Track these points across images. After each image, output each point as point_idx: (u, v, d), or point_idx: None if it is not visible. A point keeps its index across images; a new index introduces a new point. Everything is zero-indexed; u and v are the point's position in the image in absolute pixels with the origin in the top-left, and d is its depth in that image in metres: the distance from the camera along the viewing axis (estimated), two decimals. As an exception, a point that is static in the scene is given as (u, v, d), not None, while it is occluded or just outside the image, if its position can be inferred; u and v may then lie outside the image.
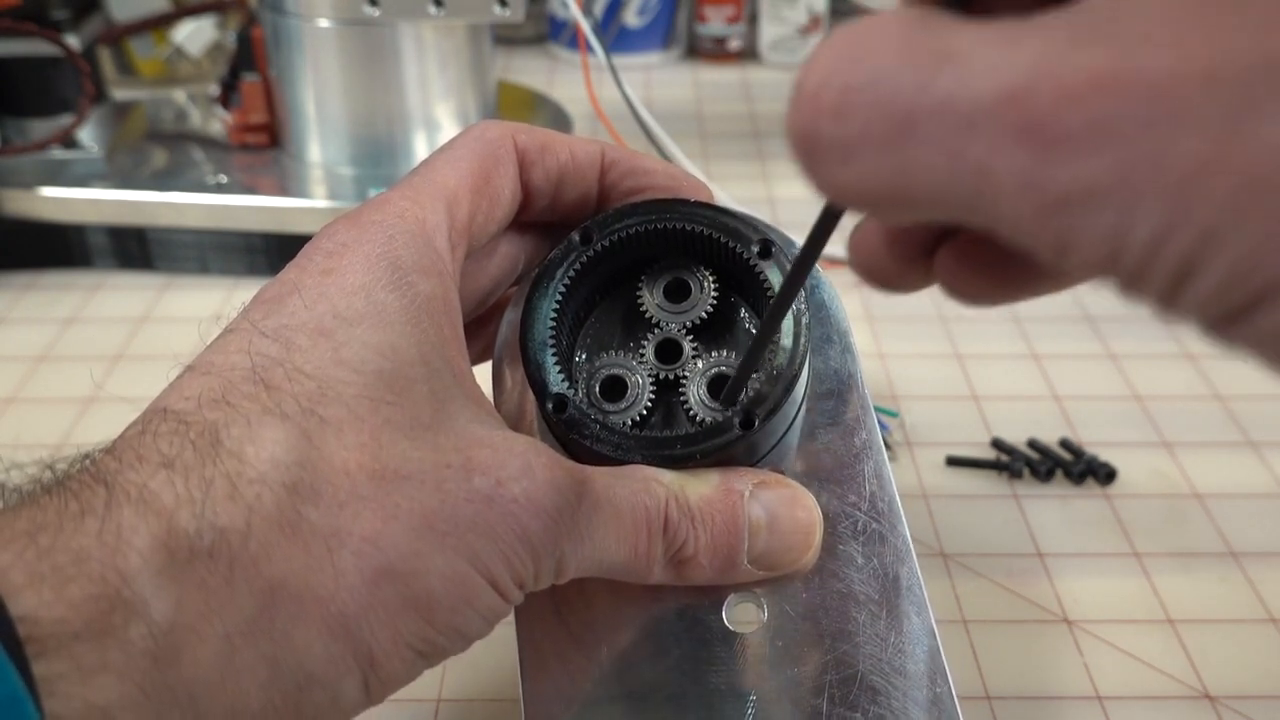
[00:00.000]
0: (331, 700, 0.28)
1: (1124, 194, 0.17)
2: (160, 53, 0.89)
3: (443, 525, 0.29)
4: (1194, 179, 0.16)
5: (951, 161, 0.19)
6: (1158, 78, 0.17)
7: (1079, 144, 0.17)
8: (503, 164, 0.37)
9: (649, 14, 1.12)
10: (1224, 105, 0.16)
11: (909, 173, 0.19)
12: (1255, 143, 0.16)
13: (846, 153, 0.20)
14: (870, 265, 0.28)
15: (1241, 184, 0.16)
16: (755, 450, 0.36)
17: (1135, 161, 0.17)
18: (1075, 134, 0.17)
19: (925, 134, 0.19)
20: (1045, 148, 0.18)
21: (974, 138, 0.18)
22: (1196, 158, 0.16)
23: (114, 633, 0.25)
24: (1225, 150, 0.16)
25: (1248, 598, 0.49)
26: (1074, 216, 0.18)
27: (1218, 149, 0.16)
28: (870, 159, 0.20)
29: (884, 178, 0.20)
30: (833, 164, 0.20)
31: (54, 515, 0.26)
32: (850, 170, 0.20)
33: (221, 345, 0.31)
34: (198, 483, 0.27)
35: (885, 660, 0.35)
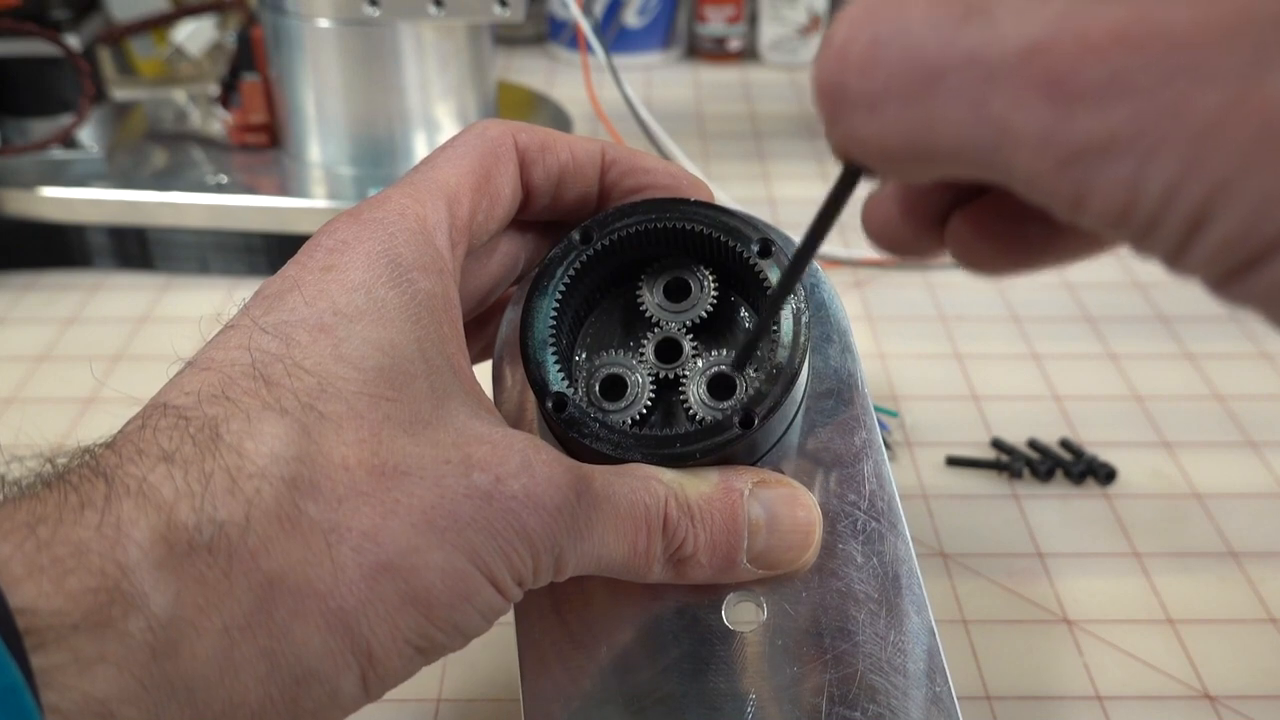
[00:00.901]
0: (330, 695, 0.28)
1: (1141, 145, 0.17)
2: (160, 53, 0.89)
3: (442, 521, 0.29)
4: (1210, 130, 0.17)
5: (975, 114, 0.19)
6: (1178, 31, 0.17)
7: (1099, 96, 0.17)
8: (503, 162, 0.37)
9: (649, 14, 1.12)
10: (1242, 58, 0.16)
11: (932, 126, 0.19)
12: (1270, 95, 0.16)
13: (872, 105, 0.20)
14: (884, 231, 0.28)
15: (1256, 135, 0.16)
16: (755, 449, 0.36)
17: (1154, 113, 0.17)
18: (1096, 86, 0.17)
19: (950, 87, 0.19)
20: (1066, 100, 0.18)
21: (997, 90, 0.18)
22: (1213, 110, 0.17)
23: (113, 625, 0.25)
24: (1241, 102, 0.16)
25: (1248, 598, 0.49)
26: (1091, 168, 0.18)
27: (1234, 101, 0.16)
28: (895, 111, 0.20)
29: (908, 130, 0.20)
30: (858, 117, 0.20)
31: (53, 508, 0.26)
32: (875, 123, 0.20)
33: (222, 341, 0.31)
34: (197, 477, 0.27)
35: (885, 659, 0.35)
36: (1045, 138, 0.18)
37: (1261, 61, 0.16)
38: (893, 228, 0.28)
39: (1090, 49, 0.18)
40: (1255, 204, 0.17)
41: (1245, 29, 0.16)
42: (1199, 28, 0.17)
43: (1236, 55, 0.16)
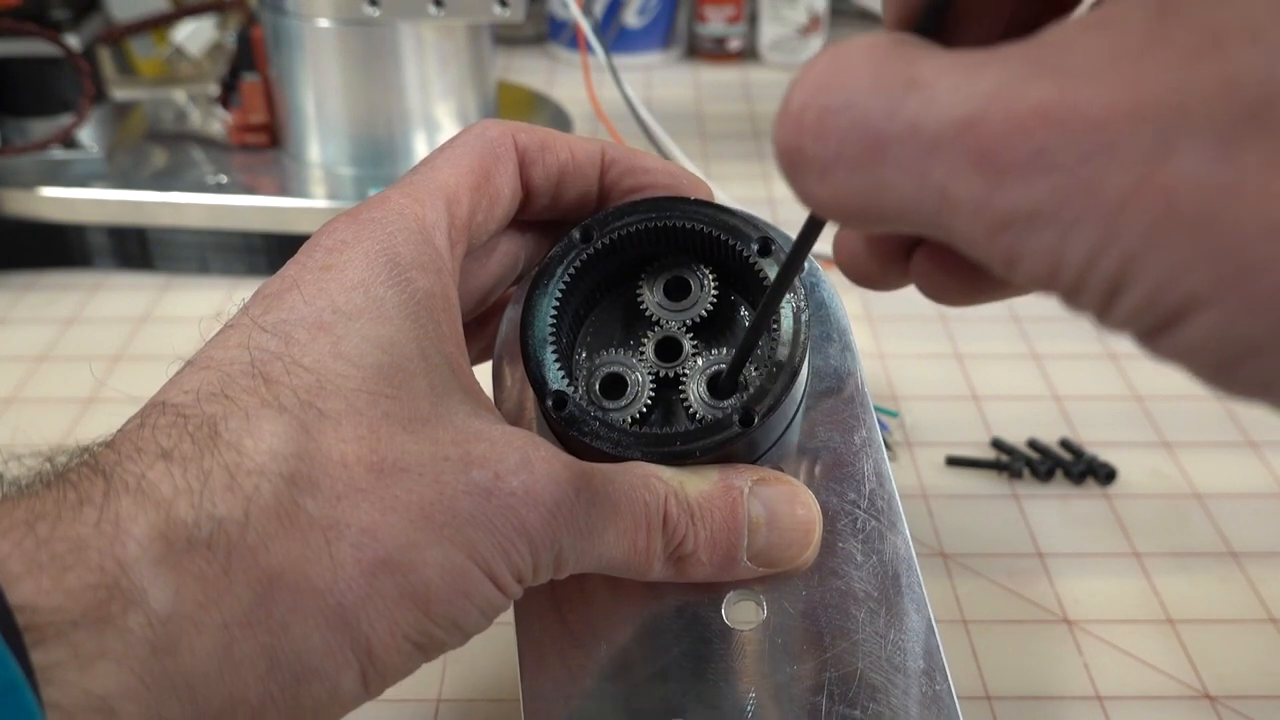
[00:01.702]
0: (330, 692, 0.28)
1: (1062, 218, 0.19)
2: (160, 53, 0.89)
3: (440, 518, 0.29)
4: (1120, 208, 0.18)
5: (916, 182, 0.20)
6: (1093, 113, 0.18)
7: (1025, 170, 0.19)
8: (503, 162, 0.37)
9: (649, 14, 1.12)
10: (1147, 142, 0.18)
11: (879, 191, 0.21)
12: (1171, 178, 0.17)
13: (824, 170, 0.21)
14: (852, 265, 0.29)
15: (1159, 213, 0.18)
16: (755, 447, 0.36)
17: (1072, 189, 0.18)
18: (1022, 161, 0.19)
19: (893, 156, 0.20)
20: (996, 173, 0.19)
21: (935, 161, 0.20)
22: (1122, 189, 0.18)
23: (112, 621, 0.25)
24: (1146, 184, 0.18)
25: (1248, 598, 0.49)
26: (1019, 236, 0.19)
27: (1140, 182, 0.18)
28: (845, 177, 0.21)
29: (857, 194, 0.21)
30: (812, 179, 0.22)
31: (52, 505, 0.26)
32: (828, 186, 0.21)
33: (221, 340, 0.32)
34: (196, 474, 0.27)
35: (884, 658, 0.35)
36: (979, 207, 0.19)
37: (1163, 147, 0.17)
38: (860, 262, 0.29)
39: (1017, 126, 0.19)
40: (1162, 275, 0.18)
41: (1150, 115, 0.18)
42: (1110, 111, 0.18)
43: (1142, 139, 0.18)
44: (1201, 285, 0.18)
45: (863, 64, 0.21)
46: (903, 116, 0.20)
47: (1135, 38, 0.18)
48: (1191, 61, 0.17)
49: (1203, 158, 0.17)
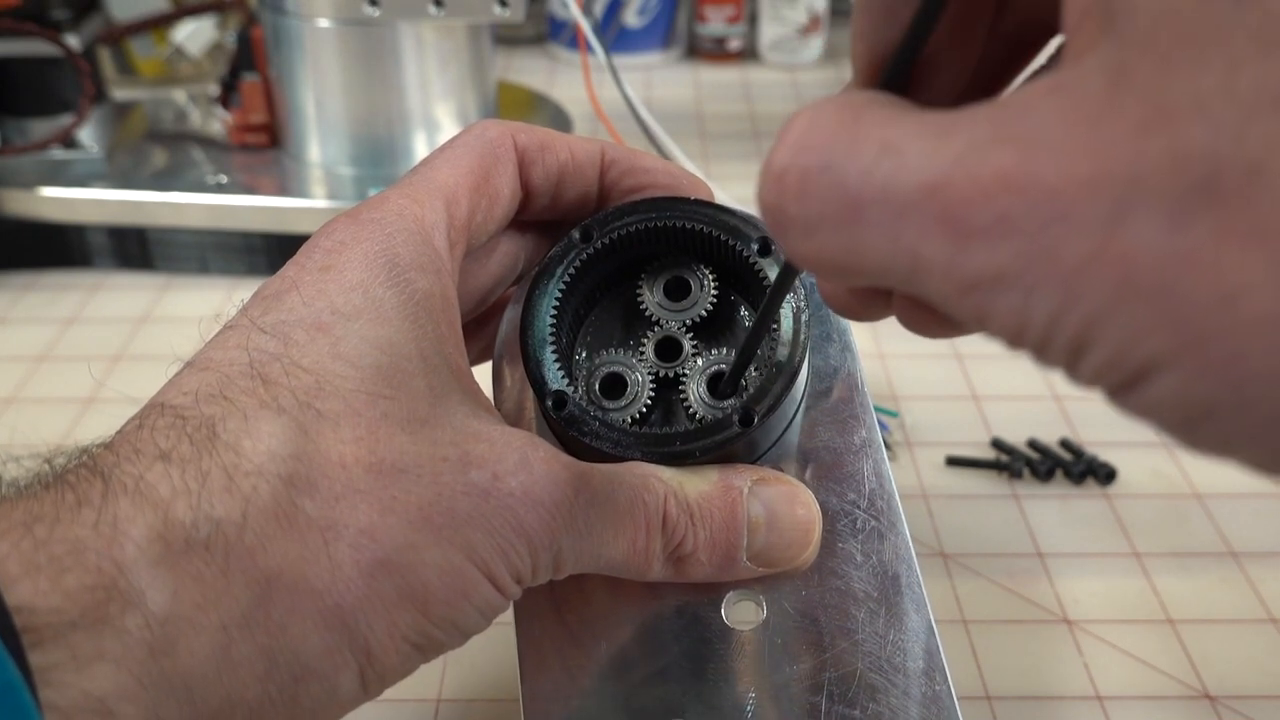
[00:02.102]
0: (328, 693, 0.28)
1: (1024, 281, 0.19)
2: (160, 53, 0.89)
3: (439, 518, 0.29)
4: (1079, 273, 0.18)
5: (891, 243, 0.21)
6: (1051, 181, 0.19)
7: (989, 234, 0.19)
8: (502, 163, 0.37)
9: (649, 14, 1.12)
10: (1102, 211, 0.18)
11: (858, 250, 0.21)
12: (1128, 246, 0.18)
13: (807, 230, 0.22)
14: (835, 299, 0.30)
15: (1117, 281, 0.18)
16: (755, 447, 0.36)
17: (1032, 254, 0.19)
18: (985, 226, 0.19)
19: (869, 218, 0.21)
20: (963, 236, 0.20)
21: (906, 224, 0.20)
22: (1081, 255, 0.18)
23: (110, 622, 0.25)
24: (1104, 251, 0.18)
25: (1248, 598, 0.49)
26: (986, 297, 0.20)
27: (1098, 249, 0.18)
28: (826, 237, 0.22)
29: (838, 253, 0.22)
30: (796, 238, 0.22)
31: (50, 507, 0.26)
32: (811, 244, 0.22)
33: (220, 341, 0.32)
34: (194, 475, 0.27)
35: (884, 658, 0.35)
36: (947, 269, 0.20)
37: (1119, 216, 0.18)
38: (842, 298, 0.30)
39: (981, 191, 0.19)
40: (1123, 338, 0.19)
41: (1105, 185, 0.18)
42: (1067, 180, 0.18)
43: (1098, 208, 0.18)
44: (1159, 349, 0.18)
45: (840, 126, 0.22)
46: (876, 180, 0.21)
47: (1090, 106, 0.19)
48: (1142, 134, 0.18)
49: (1156, 228, 0.18)
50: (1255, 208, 0.17)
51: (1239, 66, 0.17)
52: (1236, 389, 0.18)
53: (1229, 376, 0.18)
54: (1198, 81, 0.17)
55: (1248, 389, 0.17)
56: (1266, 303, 0.17)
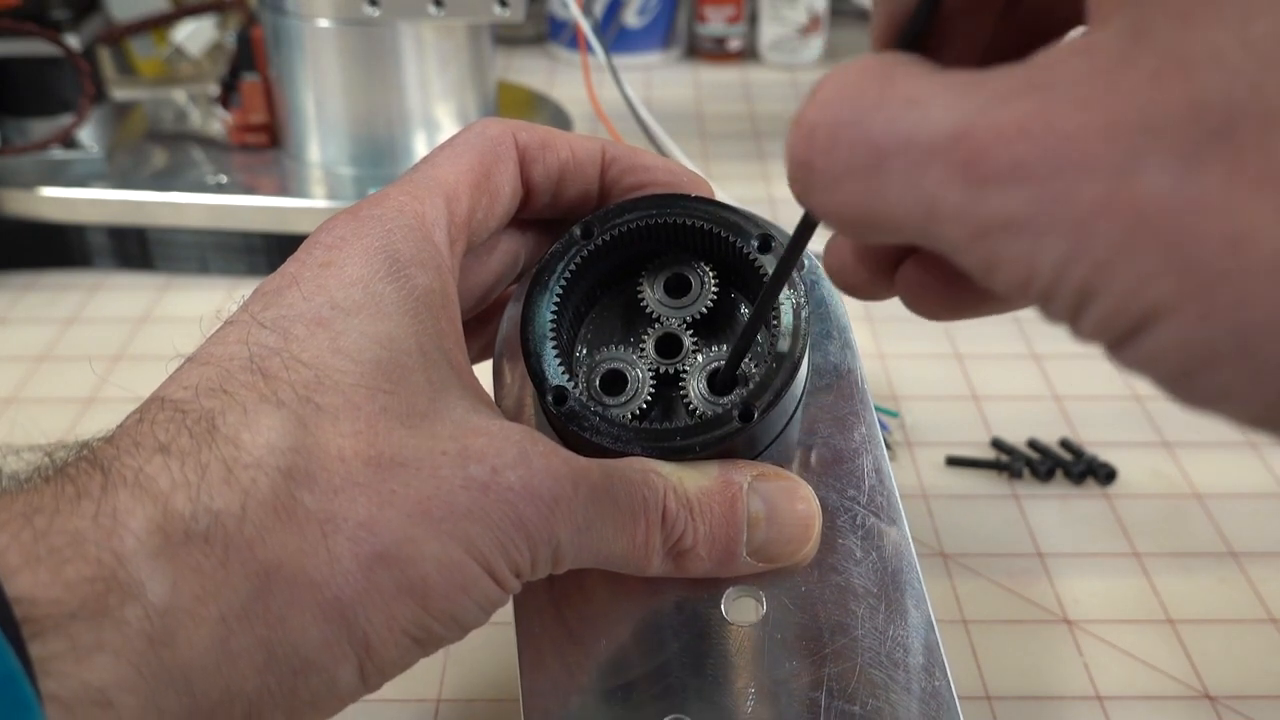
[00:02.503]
0: (327, 685, 0.28)
1: (1034, 226, 0.20)
2: (160, 53, 0.89)
3: (438, 512, 0.29)
4: (1090, 218, 0.19)
5: (911, 191, 0.21)
6: (1066, 128, 0.19)
7: (1003, 180, 0.20)
8: (503, 161, 0.37)
9: (649, 14, 1.12)
10: (1116, 158, 0.19)
11: (879, 200, 0.22)
12: (1139, 193, 0.18)
13: (833, 181, 0.23)
14: (841, 274, 0.31)
15: (1127, 226, 0.19)
16: (755, 443, 0.36)
17: (1045, 199, 0.19)
18: (1001, 171, 0.20)
19: (892, 167, 0.21)
20: (977, 182, 0.20)
21: (926, 171, 0.21)
22: (1092, 201, 0.19)
23: (110, 613, 0.25)
24: (1115, 197, 0.19)
25: (1248, 598, 0.49)
26: (997, 243, 0.20)
27: (1109, 196, 0.19)
28: (850, 187, 0.22)
29: (860, 205, 0.22)
30: (821, 191, 0.23)
31: (50, 499, 0.26)
32: (836, 197, 0.23)
33: (220, 336, 0.32)
34: (193, 467, 0.27)
35: (884, 653, 0.35)
36: (961, 214, 0.21)
37: (1132, 163, 0.18)
38: (849, 271, 0.31)
39: (999, 138, 0.20)
40: (1129, 285, 0.19)
41: (1120, 133, 0.19)
42: (1083, 128, 0.19)
43: (1112, 155, 0.19)
44: (1164, 295, 0.18)
45: (869, 83, 0.22)
46: (900, 130, 0.21)
47: (1111, 60, 0.19)
48: (1159, 83, 0.18)
49: (1169, 174, 0.18)
50: (1270, 152, 0.17)
51: (1253, 18, 0.18)
52: (1239, 334, 0.18)
53: (1233, 321, 0.18)
54: (1214, 34, 0.18)
55: (1250, 335, 0.18)
56: (1274, 246, 0.17)
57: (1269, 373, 0.18)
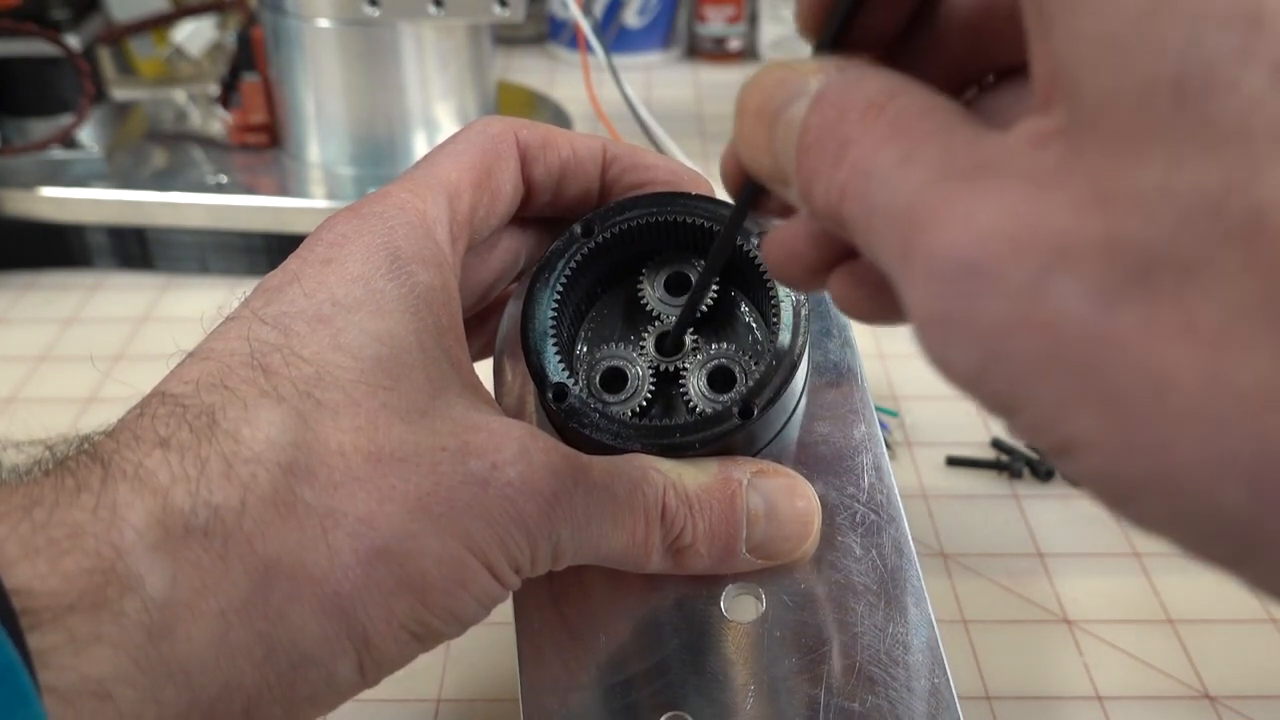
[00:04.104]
0: (326, 680, 0.28)
1: (944, 325, 0.19)
2: (160, 53, 0.89)
3: (437, 507, 0.29)
4: (1002, 331, 0.18)
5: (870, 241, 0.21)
6: (981, 229, 0.18)
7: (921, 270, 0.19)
8: (504, 159, 0.37)
9: (649, 14, 1.12)
10: (1025, 272, 0.18)
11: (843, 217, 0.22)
12: (1052, 312, 0.18)
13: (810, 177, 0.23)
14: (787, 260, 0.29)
15: (1043, 347, 0.18)
16: (754, 441, 0.36)
17: (951, 300, 0.19)
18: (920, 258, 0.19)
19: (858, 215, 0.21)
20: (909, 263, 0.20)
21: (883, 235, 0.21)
22: (1000, 315, 0.18)
23: (108, 605, 0.25)
24: (1027, 315, 0.18)
25: (1248, 598, 0.49)
26: (920, 327, 0.20)
27: (1019, 312, 0.18)
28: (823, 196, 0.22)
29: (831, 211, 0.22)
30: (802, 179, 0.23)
31: (50, 491, 0.26)
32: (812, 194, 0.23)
33: (222, 332, 0.32)
34: (193, 461, 0.27)
35: (883, 651, 0.35)
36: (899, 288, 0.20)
37: (1044, 280, 0.18)
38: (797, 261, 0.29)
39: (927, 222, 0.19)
40: (1048, 409, 0.18)
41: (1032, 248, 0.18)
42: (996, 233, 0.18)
43: (1021, 269, 0.18)
44: (1086, 427, 0.18)
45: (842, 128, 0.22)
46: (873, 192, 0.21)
47: (1041, 172, 0.19)
48: (1081, 211, 0.18)
49: (1085, 302, 0.17)
50: (1186, 306, 0.17)
51: (1177, 166, 0.17)
52: (1163, 476, 0.17)
53: (1156, 463, 0.17)
54: (1138, 175, 0.17)
55: (1175, 477, 0.17)
56: (1195, 395, 0.17)
57: (1197, 514, 0.17)
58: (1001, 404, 0.19)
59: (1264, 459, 0.16)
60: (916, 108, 0.21)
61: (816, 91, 0.23)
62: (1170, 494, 0.17)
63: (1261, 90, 0.16)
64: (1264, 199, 0.16)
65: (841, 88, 0.23)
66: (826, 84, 0.23)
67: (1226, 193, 0.16)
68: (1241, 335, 0.16)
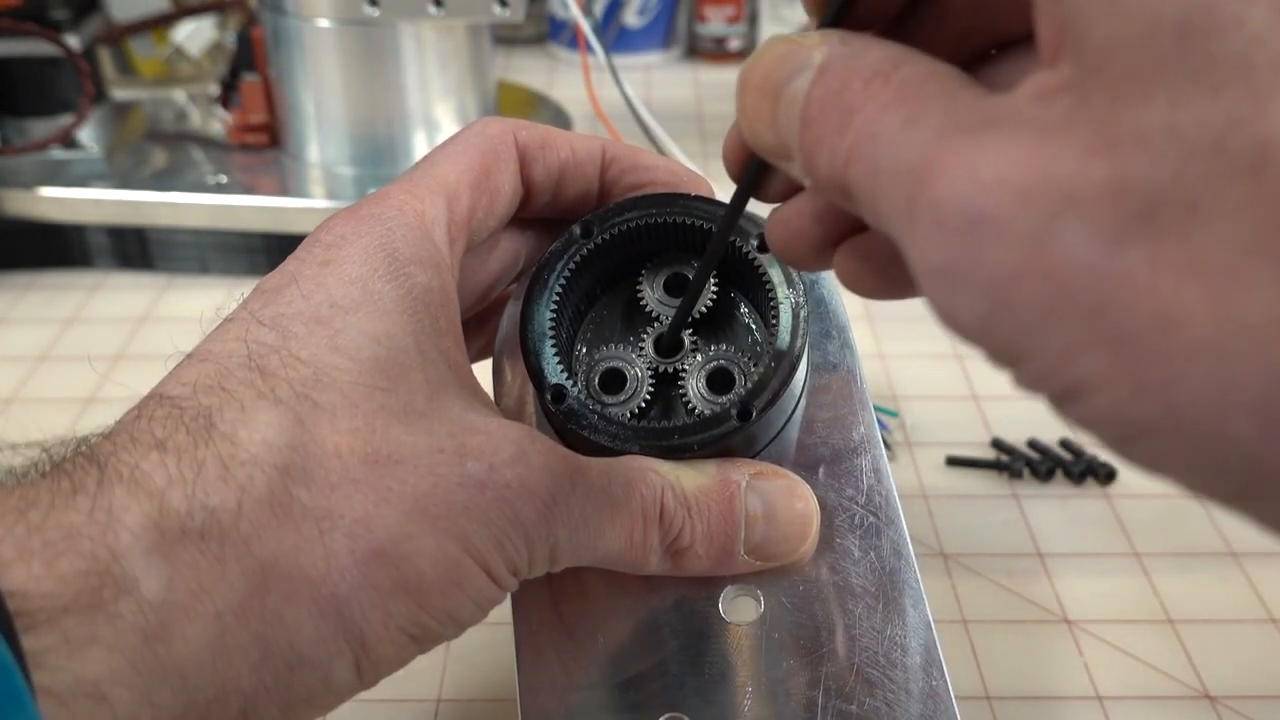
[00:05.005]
0: (323, 681, 0.28)
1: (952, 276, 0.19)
2: (160, 53, 0.90)
3: (435, 509, 0.29)
4: (1009, 279, 0.18)
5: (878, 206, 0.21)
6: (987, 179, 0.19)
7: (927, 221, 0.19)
8: (503, 160, 0.37)
9: (649, 14, 1.12)
10: (1030, 220, 0.18)
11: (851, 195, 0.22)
12: (1059, 257, 0.18)
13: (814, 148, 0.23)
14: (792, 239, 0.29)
15: (1050, 292, 0.18)
16: (753, 442, 0.36)
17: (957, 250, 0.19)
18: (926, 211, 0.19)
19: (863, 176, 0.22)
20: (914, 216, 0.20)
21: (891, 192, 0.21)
22: (1007, 263, 0.18)
23: (103, 607, 0.25)
24: (1032, 261, 0.18)
25: (1248, 598, 0.49)
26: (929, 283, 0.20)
27: (1025, 259, 0.18)
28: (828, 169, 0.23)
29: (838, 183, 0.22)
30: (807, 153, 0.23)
31: (46, 493, 0.26)
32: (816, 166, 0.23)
33: (219, 334, 0.32)
34: (190, 464, 0.27)
35: (881, 653, 0.35)
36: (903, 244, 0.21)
37: (1049, 226, 0.18)
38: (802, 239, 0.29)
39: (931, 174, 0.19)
40: (1056, 352, 0.18)
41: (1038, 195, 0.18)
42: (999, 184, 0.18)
43: (1027, 217, 0.18)
44: (1094, 368, 0.18)
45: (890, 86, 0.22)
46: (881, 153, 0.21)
47: (1053, 122, 0.19)
48: (1085, 156, 0.18)
49: (1091, 246, 0.18)
50: (1192, 242, 0.17)
51: (1181, 105, 0.17)
52: (1172, 413, 0.18)
53: (1165, 400, 0.18)
54: (1142, 115, 0.18)
55: (1184, 414, 0.17)
56: (1203, 330, 0.17)
57: (1204, 450, 0.18)
58: (1009, 353, 0.19)
59: (1272, 392, 0.17)
60: (921, 74, 0.22)
61: (820, 63, 0.23)
62: (1179, 431, 0.18)
63: (1264, 27, 0.17)
64: (1268, 133, 0.17)
65: (846, 58, 0.23)
66: (830, 55, 0.23)
67: (1230, 128, 0.17)
68: (1248, 270, 0.17)
